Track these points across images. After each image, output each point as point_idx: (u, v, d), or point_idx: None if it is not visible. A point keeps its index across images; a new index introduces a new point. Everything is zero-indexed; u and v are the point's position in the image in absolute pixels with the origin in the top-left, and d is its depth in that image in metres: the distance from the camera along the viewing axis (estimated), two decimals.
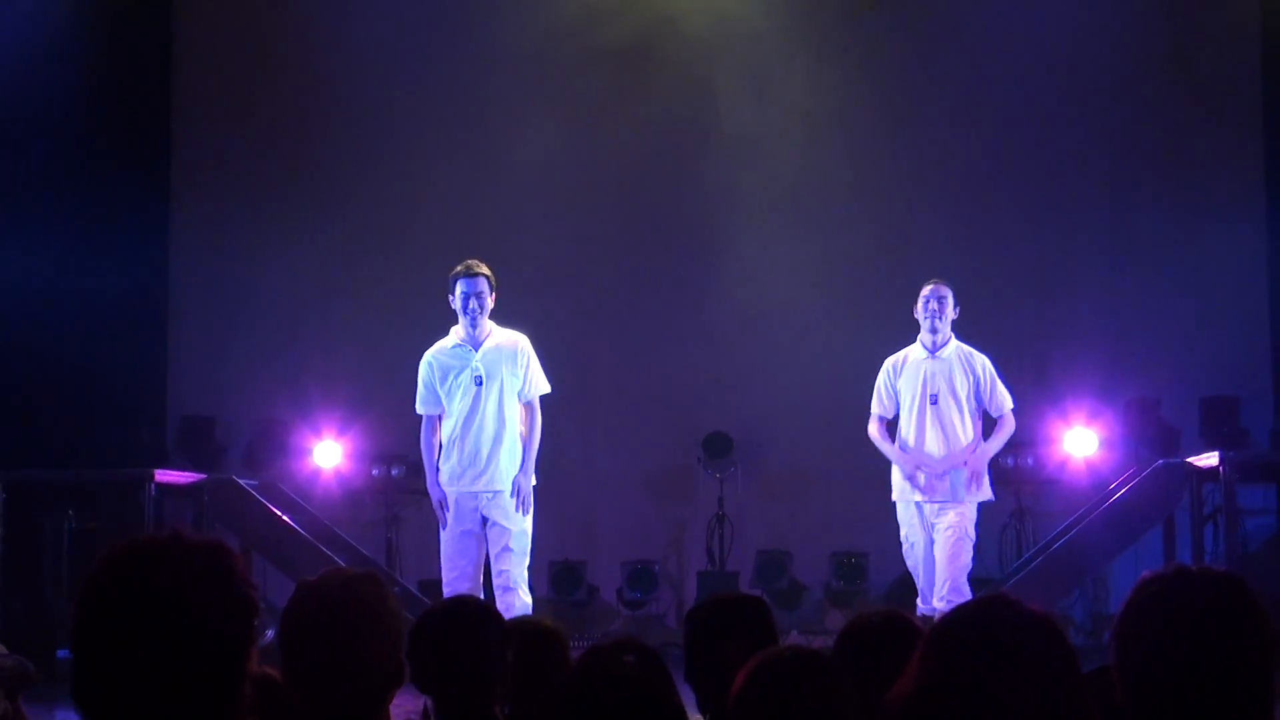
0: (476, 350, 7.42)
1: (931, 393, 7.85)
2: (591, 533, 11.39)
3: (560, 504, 10.48)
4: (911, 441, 7.85)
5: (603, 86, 11.66)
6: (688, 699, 3.38)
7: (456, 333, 7.50)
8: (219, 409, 11.49)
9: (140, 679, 1.87)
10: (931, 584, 7.79)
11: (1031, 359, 11.28)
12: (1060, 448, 10.81)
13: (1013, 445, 10.84)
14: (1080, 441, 10.76)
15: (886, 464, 8.06)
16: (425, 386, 7.49)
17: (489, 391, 7.38)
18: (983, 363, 7.98)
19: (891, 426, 8.06)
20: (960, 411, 7.86)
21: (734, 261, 11.37)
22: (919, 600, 7.88)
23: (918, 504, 7.84)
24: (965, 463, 7.82)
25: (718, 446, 11.11)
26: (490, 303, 7.44)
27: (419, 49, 11.80)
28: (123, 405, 11.08)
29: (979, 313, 11.30)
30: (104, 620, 1.90)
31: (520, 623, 3.96)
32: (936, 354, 7.91)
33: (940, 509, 7.79)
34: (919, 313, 7.97)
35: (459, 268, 7.43)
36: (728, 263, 11.38)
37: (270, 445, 11.28)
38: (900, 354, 8.01)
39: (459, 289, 7.40)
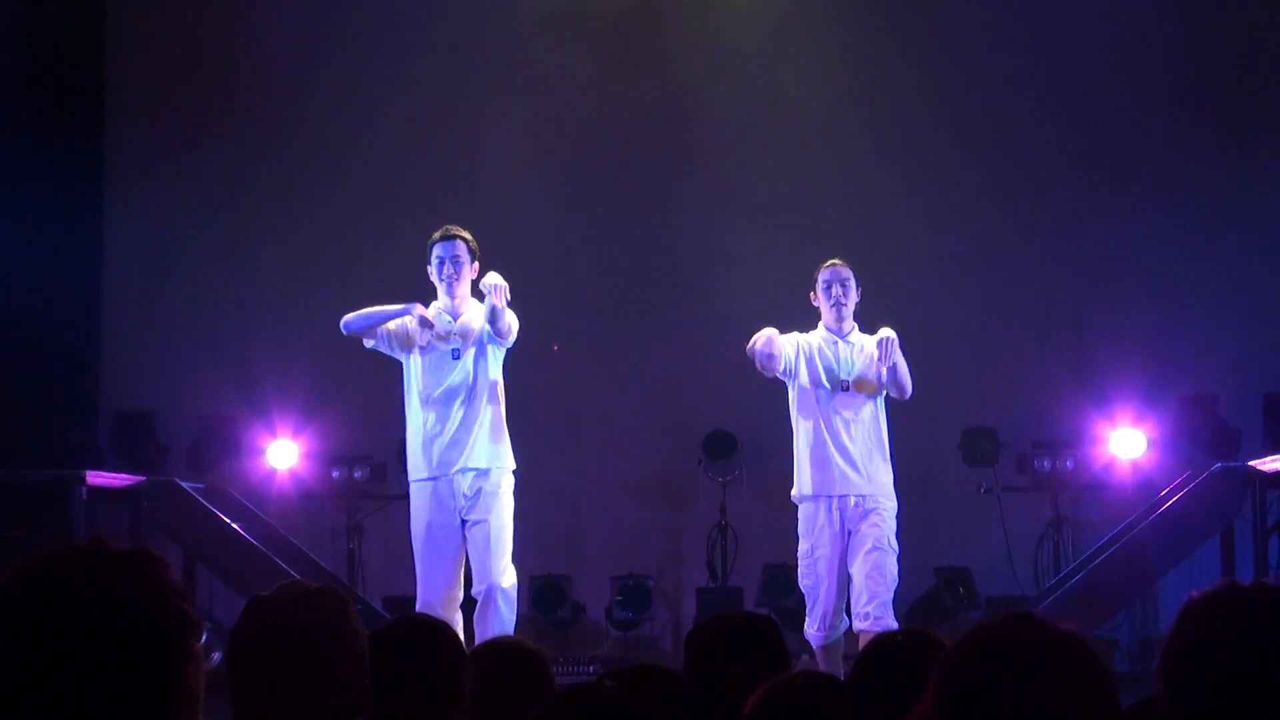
0: (455, 320, 7.50)
1: (843, 379, 7.79)
2: (577, 544, 11.39)
3: (542, 511, 10.48)
4: (820, 434, 7.75)
5: (595, 64, 11.67)
6: None
7: (435, 306, 7.58)
8: (159, 403, 11.48)
9: (58, 707, 1.86)
10: (841, 601, 7.70)
11: (1072, 350, 11.31)
12: (1104, 450, 10.82)
13: (1050, 447, 10.89)
14: (1127, 443, 10.76)
15: (905, 466, 8.05)
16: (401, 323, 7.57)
17: (466, 364, 7.46)
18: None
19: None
20: (874, 398, 7.80)
21: (737, 245, 11.37)
22: (809, 627, 7.76)
23: (831, 502, 7.72)
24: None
25: (720, 447, 11.11)
26: (470, 272, 7.51)
27: (385, 10, 11.81)
28: (50, 398, 11.06)
29: (1012, 299, 11.36)
30: (15, 640, 1.88)
31: (498, 643, 3.97)
32: (845, 338, 7.87)
33: (860, 511, 7.69)
34: (818, 298, 7.92)
35: (436, 233, 7.58)
36: (730, 245, 11.38)
37: (217, 444, 11.27)
38: (805, 336, 7.94)
39: (434, 254, 7.54)
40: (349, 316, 7.70)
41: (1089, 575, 9.67)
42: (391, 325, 7.57)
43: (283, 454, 11.10)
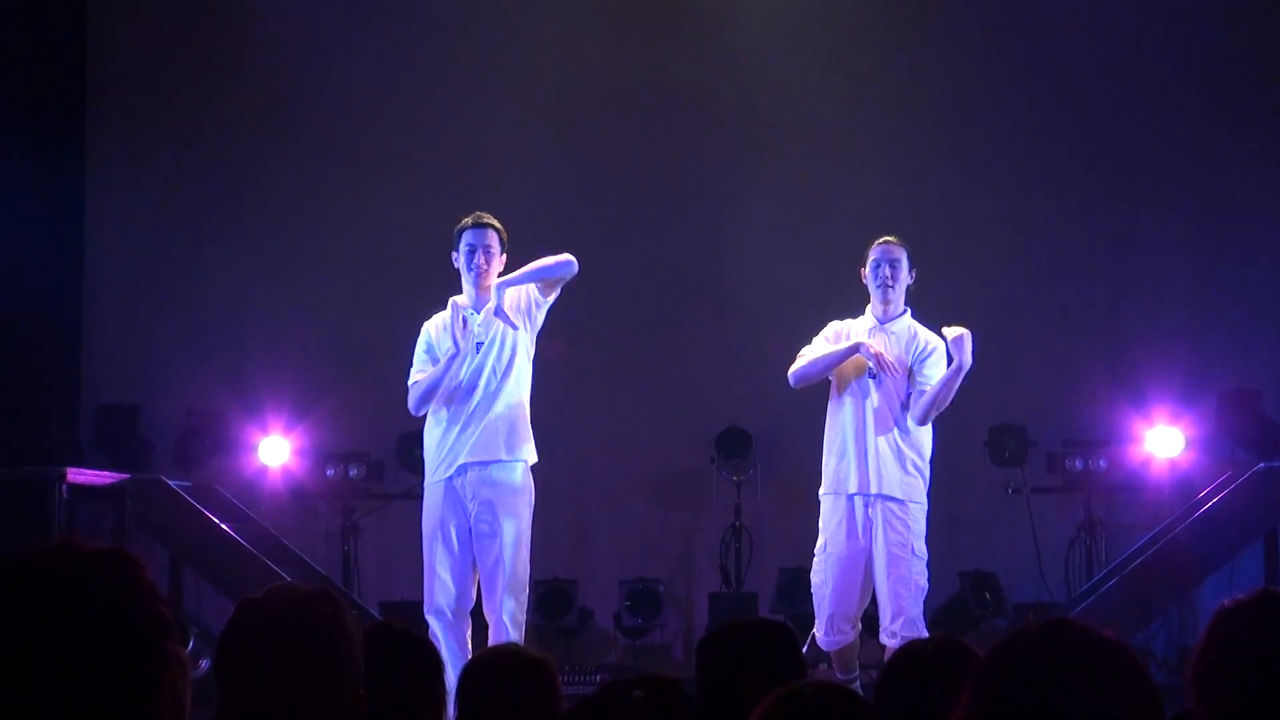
0: (479, 313, 7.49)
1: (872, 369, 7.73)
2: (585, 546, 11.40)
3: (548, 513, 10.46)
4: (848, 426, 7.75)
5: (611, 54, 11.67)
6: None
7: (459, 299, 7.57)
8: (144, 397, 11.49)
9: (29, 715, 1.84)
10: (850, 607, 7.70)
11: (1106, 343, 11.30)
12: (1140, 448, 10.81)
13: (1082, 445, 10.88)
14: (1164, 441, 10.76)
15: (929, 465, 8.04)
16: (424, 351, 7.55)
17: (490, 360, 7.45)
18: (935, 340, 7.81)
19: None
20: (905, 395, 7.76)
21: (754, 237, 11.36)
22: (817, 630, 7.75)
23: (852, 500, 7.71)
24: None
25: (734, 445, 11.11)
26: (500, 262, 7.51)
27: None
28: (29, 392, 11.08)
29: (1043, 289, 11.34)
30: None
31: (502, 652, 3.97)
32: (886, 326, 7.82)
33: (883, 511, 7.67)
34: (867, 277, 7.86)
35: (466, 219, 7.54)
36: (745, 232, 11.38)
37: (205, 440, 11.28)
38: (845, 323, 7.90)
39: (464, 242, 7.50)
40: (414, 399, 7.54)
41: (1123, 581, 9.66)
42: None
43: (274, 451, 11.11)
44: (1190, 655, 2.33)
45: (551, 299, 7.56)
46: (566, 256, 7.51)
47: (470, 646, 7.35)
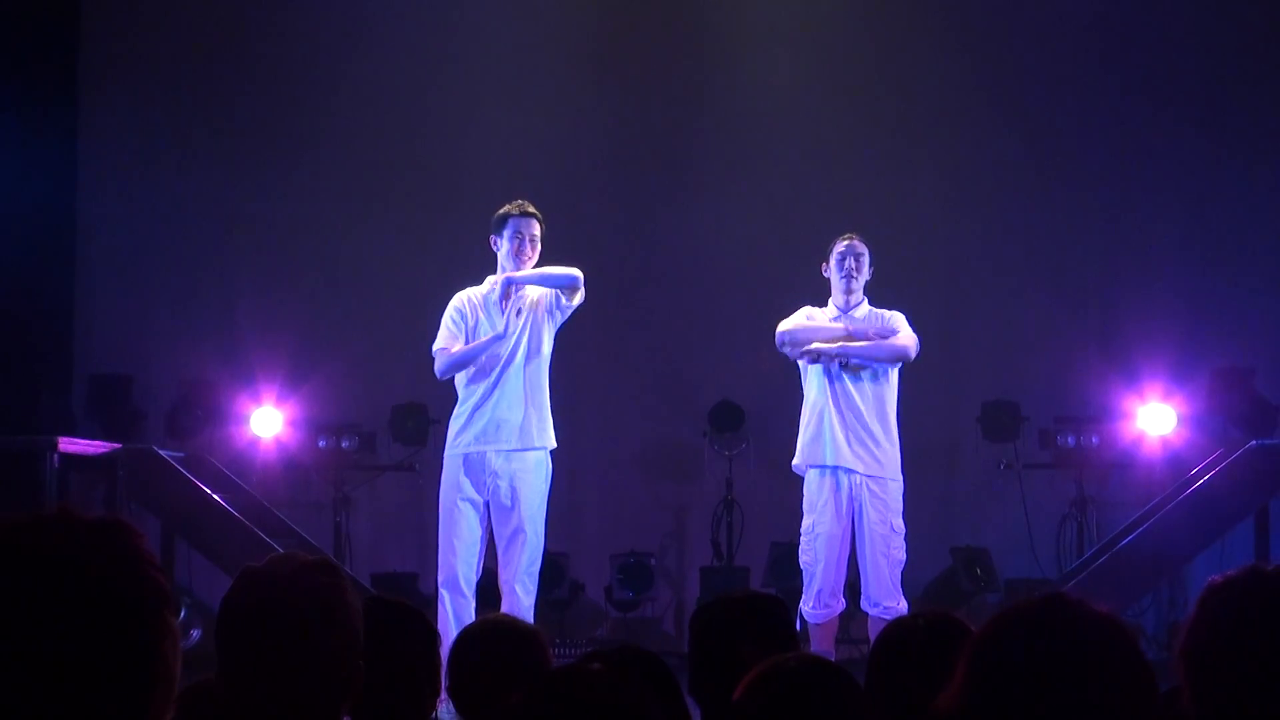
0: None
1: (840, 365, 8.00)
2: (576, 519, 11.39)
3: None
4: (831, 405, 7.96)
5: (608, 32, 11.65)
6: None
7: (489, 280, 7.73)
8: (136, 366, 11.48)
9: (23, 684, 1.83)
10: (839, 582, 7.94)
11: (1099, 320, 11.30)
12: (1132, 425, 10.82)
13: (1074, 422, 10.88)
14: (1156, 418, 10.77)
15: (922, 441, 8.10)
16: (454, 321, 7.68)
17: (515, 335, 7.59)
18: (892, 313, 8.13)
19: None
20: (875, 377, 7.99)
21: (745, 201, 11.36)
22: (805, 604, 7.94)
23: (837, 474, 7.91)
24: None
25: (726, 419, 11.12)
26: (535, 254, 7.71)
27: None
28: (21, 361, 11.06)
29: (1035, 265, 11.34)
30: None
31: (495, 623, 3.99)
32: (849, 313, 8.09)
33: (868, 490, 7.92)
34: (831, 270, 8.16)
35: (510, 206, 7.69)
36: (737, 202, 11.37)
37: (198, 410, 11.27)
38: (815, 309, 8.19)
39: (511, 228, 7.63)
40: (443, 365, 7.69)
41: (1114, 557, 9.68)
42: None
43: (267, 422, 11.10)
44: (1179, 631, 2.35)
45: (573, 304, 7.70)
46: (573, 271, 7.64)
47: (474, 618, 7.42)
